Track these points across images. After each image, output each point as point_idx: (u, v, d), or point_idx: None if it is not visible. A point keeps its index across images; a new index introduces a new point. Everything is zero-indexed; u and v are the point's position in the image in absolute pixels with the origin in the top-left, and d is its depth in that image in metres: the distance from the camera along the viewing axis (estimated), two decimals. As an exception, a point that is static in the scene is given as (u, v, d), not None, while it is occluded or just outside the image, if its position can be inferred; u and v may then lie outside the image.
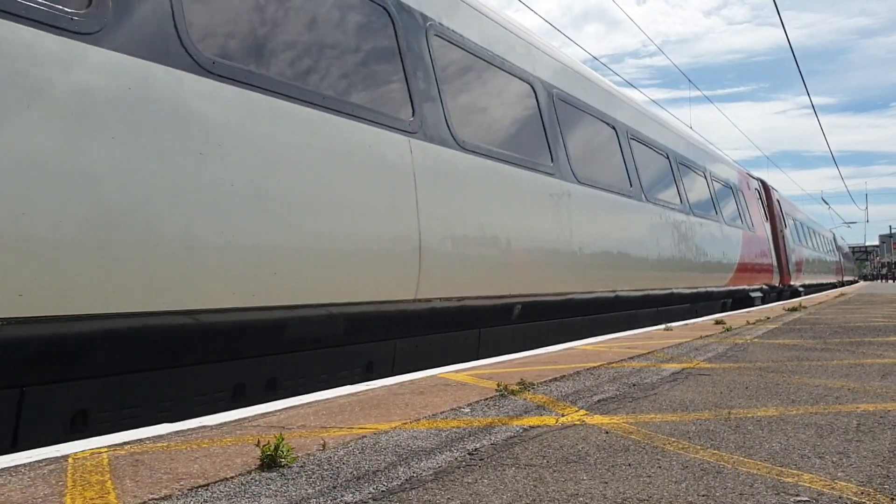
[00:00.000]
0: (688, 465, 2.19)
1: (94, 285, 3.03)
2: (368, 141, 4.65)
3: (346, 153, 4.45)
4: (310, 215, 4.11)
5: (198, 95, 3.56)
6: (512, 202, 6.23)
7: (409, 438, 2.56)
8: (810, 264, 26.00)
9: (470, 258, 5.54)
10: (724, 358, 4.99)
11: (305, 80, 4.32)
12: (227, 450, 2.40)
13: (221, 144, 3.62)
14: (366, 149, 4.62)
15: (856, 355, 5.05)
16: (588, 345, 6.19)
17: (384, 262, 4.67)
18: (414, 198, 4.96)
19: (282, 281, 3.90)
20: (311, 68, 4.42)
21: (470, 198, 5.62)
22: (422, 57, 5.47)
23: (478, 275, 5.66)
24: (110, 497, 1.88)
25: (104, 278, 3.07)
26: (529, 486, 1.99)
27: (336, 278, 4.31)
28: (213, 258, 3.54)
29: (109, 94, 3.16)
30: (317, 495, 1.92)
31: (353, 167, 4.48)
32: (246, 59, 3.94)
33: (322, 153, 4.27)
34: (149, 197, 3.25)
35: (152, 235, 3.26)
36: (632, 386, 3.72)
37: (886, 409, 3.04)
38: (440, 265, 5.17)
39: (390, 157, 4.84)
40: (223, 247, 3.57)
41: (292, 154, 4.06)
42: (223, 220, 3.58)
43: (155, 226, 3.27)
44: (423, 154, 5.14)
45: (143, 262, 3.21)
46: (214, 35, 3.80)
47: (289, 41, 4.31)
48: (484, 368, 4.60)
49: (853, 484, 1.98)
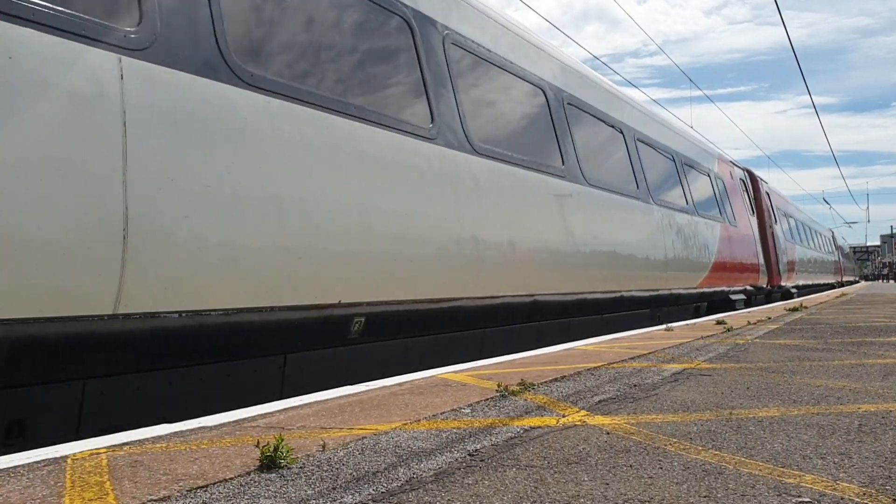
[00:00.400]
0: (689, 465, 2.18)
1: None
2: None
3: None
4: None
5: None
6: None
7: (409, 439, 2.55)
8: (805, 264, 24.30)
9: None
10: (726, 358, 4.97)
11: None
12: (227, 451, 2.39)
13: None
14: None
15: (857, 355, 5.04)
16: (588, 345, 6.18)
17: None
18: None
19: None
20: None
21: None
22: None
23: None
24: (109, 498, 1.87)
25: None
26: (530, 488, 1.98)
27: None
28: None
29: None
30: (316, 496, 1.91)
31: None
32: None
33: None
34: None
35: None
36: (633, 386, 3.71)
37: (888, 409, 3.03)
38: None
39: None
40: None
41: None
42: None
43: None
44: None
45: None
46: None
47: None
48: (484, 368, 4.60)
49: (855, 485, 1.97)
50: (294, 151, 4.04)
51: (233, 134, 3.70)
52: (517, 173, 6.39)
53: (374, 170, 4.66)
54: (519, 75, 6.91)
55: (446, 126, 5.54)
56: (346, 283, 4.35)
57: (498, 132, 6.45)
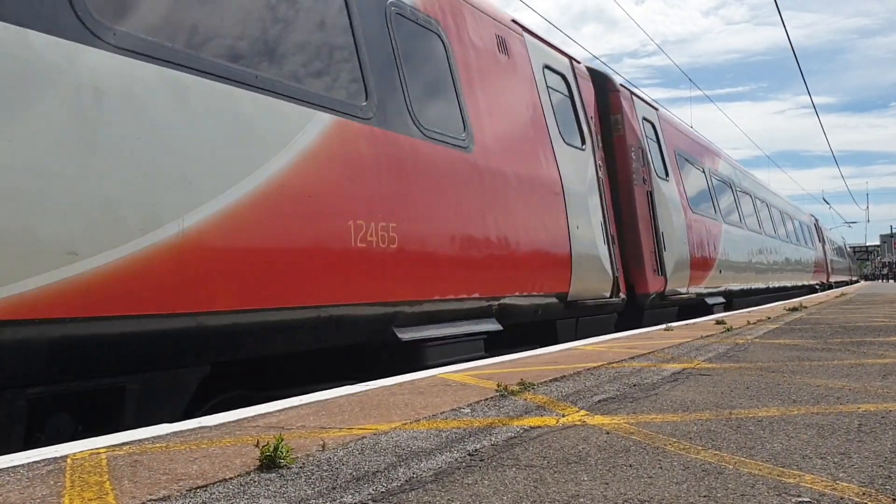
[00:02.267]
0: (689, 465, 2.18)
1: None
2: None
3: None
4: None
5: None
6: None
7: (408, 439, 2.55)
8: (747, 258, 15.60)
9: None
10: (725, 358, 4.97)
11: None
12: (227, 450, 2.39)
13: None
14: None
15: (857, 355, 5.04)
16: (588, 345, 6.18)
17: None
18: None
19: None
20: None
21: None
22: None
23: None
24: (109, 498, 1.87)
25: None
26: (530, 487, 1.98)
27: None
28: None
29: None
30: (316, 496, 1.91)
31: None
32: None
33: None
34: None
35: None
36: (632, 386, 3.71)
37: (888, 409, 3.03)
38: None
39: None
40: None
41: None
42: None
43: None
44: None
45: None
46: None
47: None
48: (484, 368, 4.60)
49: (855, 485, 1.97)
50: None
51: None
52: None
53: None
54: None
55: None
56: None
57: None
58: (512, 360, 5.04)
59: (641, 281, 9.30)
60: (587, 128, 8.57)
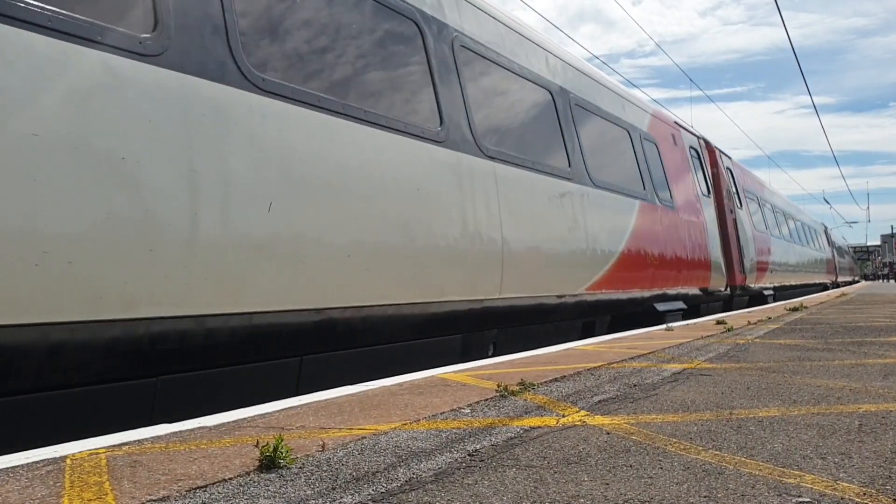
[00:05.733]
0: (689, 465, 2.18)
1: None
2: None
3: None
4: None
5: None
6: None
7: (408, 439, 2.54)
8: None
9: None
10: (726, 358, 4.97)
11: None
12: (226, 450, 2.39)
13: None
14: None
15: (857, 355, 5.03)
16: (588, 345, 6.18)
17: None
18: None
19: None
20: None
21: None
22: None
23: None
24: (108, 498, 1.87)
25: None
26: (530, 488, 1.98)
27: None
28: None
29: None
30: (316, 496, 1.91)
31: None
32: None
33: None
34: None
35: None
36: (632, 386, 3.70)
37: (888, 409, 3.03)
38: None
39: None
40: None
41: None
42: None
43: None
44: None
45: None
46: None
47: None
48: (484, 369, 4.59)
49: (855, 485, 1.97)
50: None
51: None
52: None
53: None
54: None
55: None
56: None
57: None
58: (512, 361, 5.04)
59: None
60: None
